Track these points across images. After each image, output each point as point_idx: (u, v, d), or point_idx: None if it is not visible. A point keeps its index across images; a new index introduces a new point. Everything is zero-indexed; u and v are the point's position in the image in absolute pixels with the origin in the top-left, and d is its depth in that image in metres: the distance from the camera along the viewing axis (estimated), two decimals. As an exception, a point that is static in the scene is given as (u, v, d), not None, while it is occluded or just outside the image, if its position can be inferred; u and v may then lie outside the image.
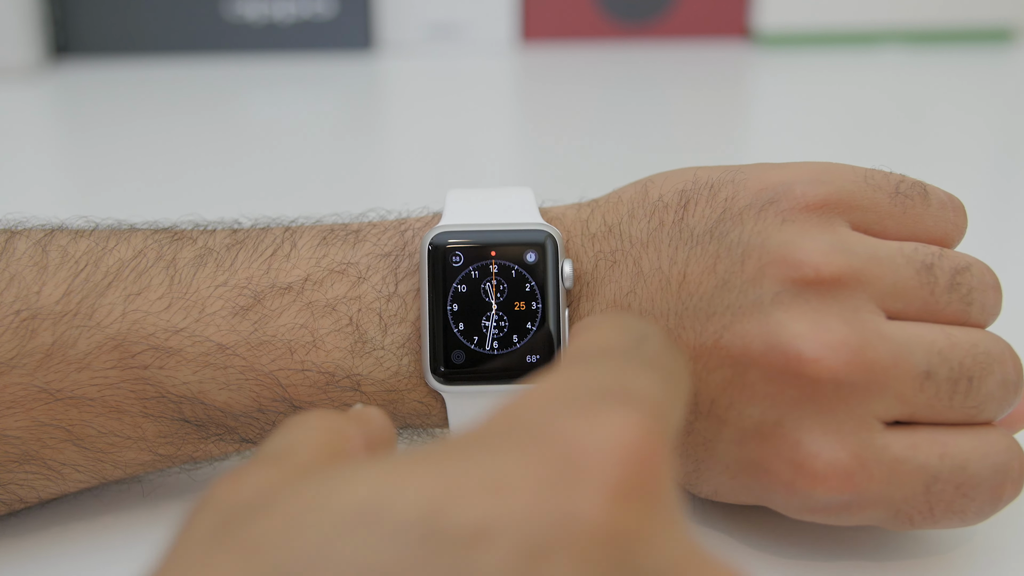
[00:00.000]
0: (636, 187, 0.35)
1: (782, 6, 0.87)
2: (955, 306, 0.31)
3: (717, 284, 0.31)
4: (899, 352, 0.30)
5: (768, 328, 0.30)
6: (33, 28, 0.80)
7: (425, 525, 0.19)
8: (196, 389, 0.33)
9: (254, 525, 0.20)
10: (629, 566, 0.19)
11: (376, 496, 0.19)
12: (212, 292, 0.33)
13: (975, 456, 0.30)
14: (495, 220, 0.35)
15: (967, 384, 0.30)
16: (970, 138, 0.74)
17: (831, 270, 0.30)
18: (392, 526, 0.19)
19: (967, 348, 0.31)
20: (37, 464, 0.33)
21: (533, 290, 0.34)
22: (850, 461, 0.29)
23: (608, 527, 0.19)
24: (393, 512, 0.19)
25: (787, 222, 0.31)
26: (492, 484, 0.19)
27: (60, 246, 0.33)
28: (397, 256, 0.35)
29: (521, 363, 0.33)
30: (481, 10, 0.87)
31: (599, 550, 0.19)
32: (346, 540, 0.19)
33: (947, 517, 0.31)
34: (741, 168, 0.34)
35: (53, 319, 0.32)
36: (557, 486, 0.19)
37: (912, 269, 0.31)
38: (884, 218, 0.32)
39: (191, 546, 0.20)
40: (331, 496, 0.20)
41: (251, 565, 0.19)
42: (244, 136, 0.74)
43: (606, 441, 0.20)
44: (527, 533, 0.18)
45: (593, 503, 0.19)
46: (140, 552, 0.34)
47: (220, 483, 0.22)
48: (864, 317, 0.30)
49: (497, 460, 0.20)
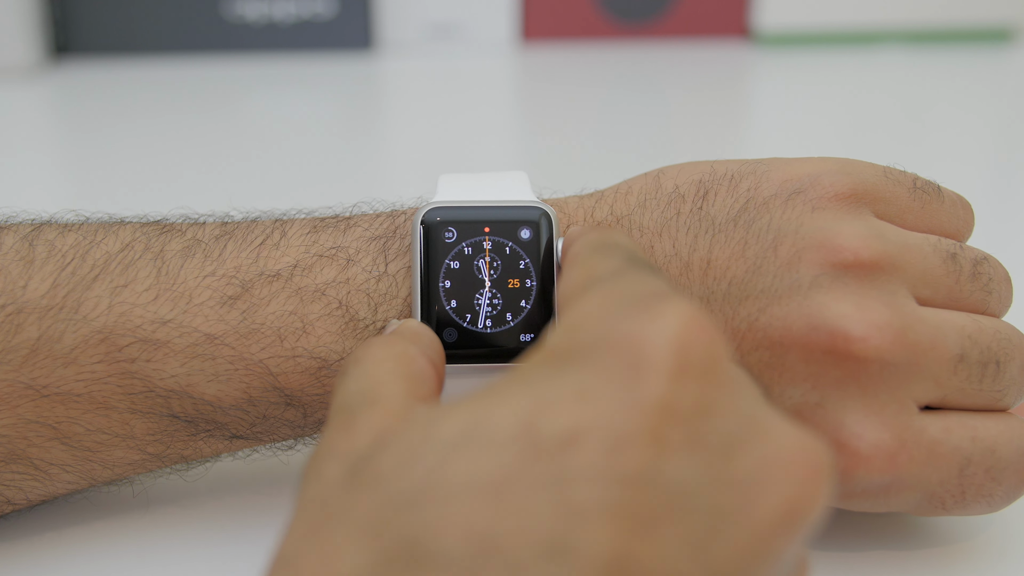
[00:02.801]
0: (647, 178, 0.35)
1: (782, 6, 0.87)
2: (977, 295, 0.32)
3: (748, 269, 0.32)
4: (936, 335, 0.31)
5: (810, 310, 0.30)
6: (33, 28, 0.80)
7: (522, 436, 0.21)
8: (184, 382, 0.32)
9: (376, 463, 0.23)
10: (701, 436, 0.22)
11: (474, 418, 0.22)
12: (200, 282, 0.33)
13: (1003, 440, 0.31)
14: (489, 197, 0.34)
15: (995, 367, 0.31)
16: (970, 138, 0.74)
17: (869, 254, 0.31)
18: (493, 440, 0.21)
19: (992, 333, 0.31)
20: (24, 464, 0.32)
21: (527, 267, 0.33)
22: (892, 442, 0.30)
23: (674, 405, 0.21)
24: (492, 429, 0.22)
25: (818, 210, 0.32)
26: (575, 394, 0.22)
27: (47, 240, 0.33)
28: (388, 239, 0.34)
29: (515, 342, 0.33)
30: (481, 10, 0.87)
31: (670, 428, 0.21)
32: (456, 458, 0.21)
33: (976, 501, 0.31)
34: (760, 161, 0.34)
35: (39, 313, 0.32)
36: (628, 382, 0.22)
37: (939, 258, 0.32)
38: (904, 212, 0.33)
39: (326, 492, 0.23)
40: (435, 425, 0.22)
41: (379, 496, 0.22)
42: (244, 136, 0.74)
43: (663, 331, 0.22)
44: (611, 431, 0.21)
45: (659, 388, 0.22)
46: (134, 557, 0.34)
47: (332, 437, 0.25)
48: (901, 301, 0.31)
49: (574, 372, 0.22)
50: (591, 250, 0.28)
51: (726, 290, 0.32)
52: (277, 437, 0.35)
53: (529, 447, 0.21)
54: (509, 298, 0.33)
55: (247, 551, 0.35)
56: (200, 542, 0.35)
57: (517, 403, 0.22)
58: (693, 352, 0.22)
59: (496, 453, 0.21)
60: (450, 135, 0.74)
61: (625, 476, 0.21)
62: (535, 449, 0.21)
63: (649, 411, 0.21)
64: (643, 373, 0.22)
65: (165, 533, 0.35)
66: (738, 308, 0.32)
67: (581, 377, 0.22)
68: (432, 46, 0.87)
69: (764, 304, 0.31)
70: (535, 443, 0.21)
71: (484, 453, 0.21)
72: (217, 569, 0.34)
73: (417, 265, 0.33)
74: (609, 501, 0.20)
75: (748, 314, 0.31)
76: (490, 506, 0.20)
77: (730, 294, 0.32)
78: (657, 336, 0.22)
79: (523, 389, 0.22)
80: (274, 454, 0.36)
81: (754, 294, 0.31)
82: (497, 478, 0.21)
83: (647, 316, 0.23)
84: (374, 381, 0.26)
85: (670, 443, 0.21)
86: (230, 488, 0.37)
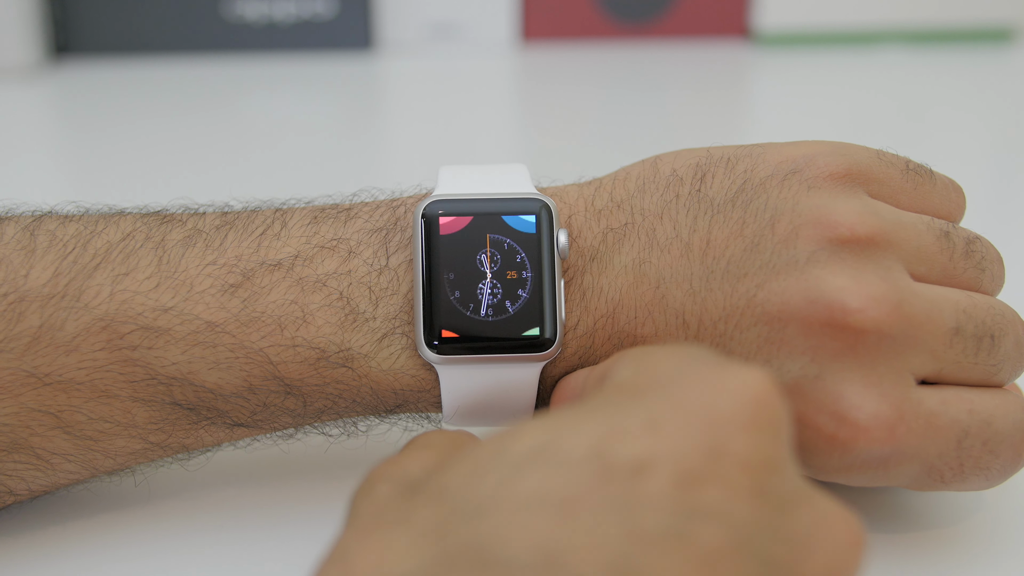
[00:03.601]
0: (644, 164, 0.35)
1: (782, 6, 0.87)
2: (971, 272, 0.33)
3: (746, 247, 0.32)
4: (931, 308, 0.31)
5: (808, 283, 0.31)
6: (33, 28, 0.80)
7: (593, 459, 0.22)
8: (185, 369, 0.32)
9: (439, 478, 0.23)
10: (765, 489, 0.22)
11: (546, 438, 0.23)
12: (201, 271, 0.33)
13: (999, 413, 0.31)
14: (489, 190, 0.34)
15: (990, 342, 0.32)
16: (970, 138, 0.74)
17: (865, 230, 0.31)
18: (564, 460, 0.22)
19: (986, 308, 0.32)
20: (26, 453, 0.32)
21: (527, 260, 0.33)
22: (891, 413, 0.30)
23: (744, 454, 0.22)
24: (564, 450, 0.22)
25: (814, 188, 0.32)
26: (647, 425, 0.22)
27: (48, 230, 0.33)
28: (389, 231, 0.34)
29: (516, 334, 0.33)
30: (481, 10, 0.87)
31: (744, 476, 0.22)
32: (526, 474, 0.22)
33: (975, 474, 0.32)
34: (755, 145, 0.35)
35: (40, 301, 0.32)
36: (701, 422, 0.23)
37: (932, 236, 0.32)
38: (897, 192, 0.33)
39: (380, 505, 0.24)
40: (505, 443, 0.23)
41: (444, 505, 0.22)
42: (244, 136, 0.74)
43: (740, 384, 0.23)
44: (683, 464, 0.22)
45: (731, 435, 0.22)
46: (140, 551, 0.34)
47: (382, 466, 0.27)
48: (897, 275, 0.31)
49: (648, 406, 0.23)
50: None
51: (725, 268, 0.32)
52: (278, 426, 0.35)
53: (600, 470, 0.22)
54: (510, 290, 0.33)
55: (249, 542, 0.35)
56: (202, 533, 0.35)
57: (589, 428, 0.23)
58: (766, 410, 0.23)
59: (567, 473, 0.22)
60: (450, 135, 0.74)
61: (693, 510, 0.21)
62: (605, 473, 0.22)
63: (720, 454, 0.22)
64: (717, 417, 0.23)
65: (167, 525, 0.35)
66: (736, 285, 0.32)
67: (652, 409, 0.23)
68: (432, 46, 0.87)
69: (762, 280, 0.31)
70: (606, 467, 0.22)
71: (555, 471, 0.22)
72: (220, 561, 0.34)
73: (419, 259, 0.33)
74: (676, 531, 0.21)
75: (747, 290, 0.32)
76: (558, 522, 0.21)
77: (729, 271, 0.32)
78: (734, 387, 0.23)
79: (594, 416, 0.23)
80: (275, 443, 0.36)
81: (752, 271, 0.32)
82: (567, 496, 0.21)
83: (723, 368, 0.24)
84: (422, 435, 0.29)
85: (738, 489, 0.22)
86: (231, 478, 0.37)
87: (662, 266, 0.33)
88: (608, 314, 0.33)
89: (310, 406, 0.34)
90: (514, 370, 0.34)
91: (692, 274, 0.33)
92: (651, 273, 0.33)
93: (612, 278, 0.33)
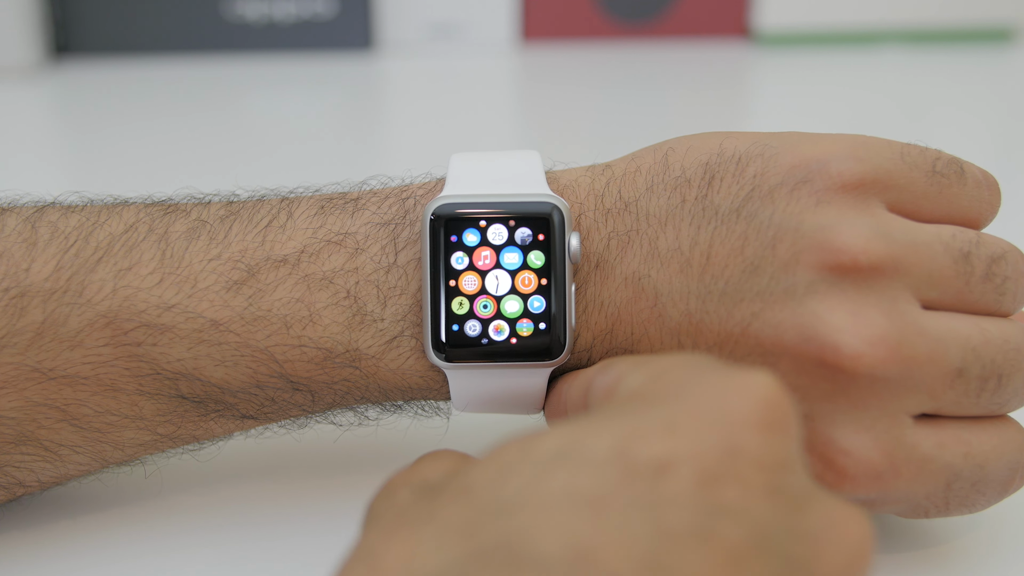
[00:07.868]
0: (656, 155, 0.34)
1: (782, 6, 0.87)
2: (989, 297, 0.31)
3: (746, 268, 0.31)
4: (935, 348, 0.29)
5: (803, 319, 0.29)
6: (33, 28, 0.80)
7: (617, 459, 0.22)
8: (191, 366, 0.32)
9: (462, 479, 0.23)
10: (780, 487, 0.23)
11: (570, 440, 0.23)
12: (205, 266, 0.32)
13: (994, 455, 0.30)
14: (501, 191, 0.33)
15: (996, 383, 0.30)
16: (970, 138, 0.74)
17: (869, 258, 0.29)
18: (590, 460, 0.22)
19: (999, 344, 0.30)
20: (33, 445, 0.32)
21: (539, 263, 0.33)
22: (882, 461, 0.29)
23: (764, 456, 0.23)
24: (588, 450, 0.23)
25: (822, 203, 0.30)
26: (666, 427, 0.23)
27: (50, 222, 0.33)
28: (397, 225, 0.33)
29: (527, 338, 0.33)
30: (481, 10, 0.87)
31: (760, 475, 0.22)
32: (553, 473, 0.22)
33: (959, 509, 0.31)
34: (771, 138, 0.33)
35: (43, 296, 0.31)
36: (717, 423, 0.23)
37: (950, 258, 0.30)
38: (919, 198, 0.31)
39: (401, 507, 0.25)
40: (530, 444, 0.23)
41: (470, 504, 0.22)
42: (244, 136, 0.74)
43: (753, 386, 0.24)
44: (703, 464, 0.22)
45: (746, 435, 0.23)
46: (150, 546, 0.34)
47: (398, 475, 0.27)
48: (902, 308, 0.29)
49: (664, 410, 0.24)
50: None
51: (723, 289, 0.31)
52: (288, 416, 0.34)
53: (624, 470, 0.22)
54: (520, 294, 0.33)
55: (262, 534, 0.35)
56: (214, 526, 0.35)
57: (610, 431, 0.23)
58: (778, 410, 0.24)
59: (593, 472, 0.22)
60: (450, 135, 0.74)
61: (715, 509, 0.22)
62: (629, 472, 0.22)
63: (737, 454, 0.23)
64: (731, 419, 0.23)
65: (180, 519, 0.35)
66: (733, 310, 0.31)
67: (669, 412, 0.23)
68: (432, 46, 0.87)
69: (759, 308, 0.30)
70: (629, 467, 0.22)
71: (581, 471, 0.22)
72: (232, 554, 0.34)
73: (427, 261, 0.32)
74: (701, 528, 0.21)
75: (743, 317, 0.31)
76: (587, 519, 0.21)
77: (727, 294, 0.31)
78: (745, 389, 0.24)
79: (613, 420, 0.24)
80: (287, 431, 0.36)
81: (749, 296, 0.31)
82: (594, 494, 0.22)
83: (733, 373, 0.25)
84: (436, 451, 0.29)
85: (755, 487, 0.22)
86: (243, 469, 0.37)
87: (660, 280, 0.32)
88: (607, 330, 0.33)
89: (319, 401, 0.34)
90: (523, 376, 0.33)
91: (690, 292, 0.31)
92: (649, 288, 0.32)
93: (613, 291, 0.33)
